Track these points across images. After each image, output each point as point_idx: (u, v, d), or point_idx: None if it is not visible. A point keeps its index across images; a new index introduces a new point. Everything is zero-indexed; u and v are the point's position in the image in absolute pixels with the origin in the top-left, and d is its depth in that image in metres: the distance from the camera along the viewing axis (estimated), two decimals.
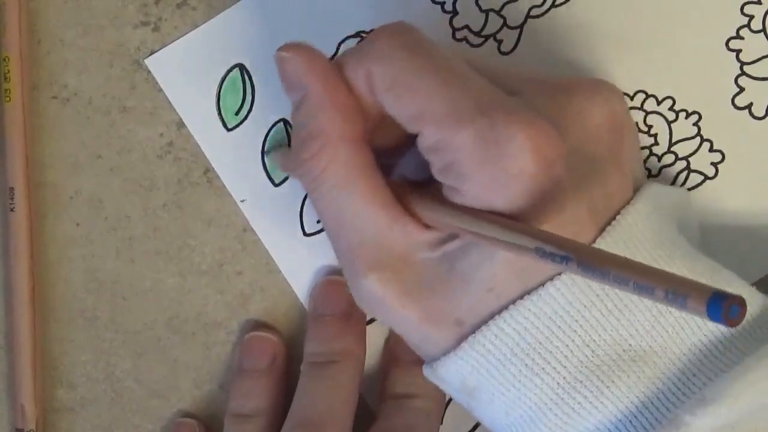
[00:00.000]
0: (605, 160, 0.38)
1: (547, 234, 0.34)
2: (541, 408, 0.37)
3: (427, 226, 0.38)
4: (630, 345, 0.37)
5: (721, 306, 0.29)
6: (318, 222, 0.46)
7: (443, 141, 0.36)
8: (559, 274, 0.36)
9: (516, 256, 0.36)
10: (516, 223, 0.35)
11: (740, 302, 0.29)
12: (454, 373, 0.38)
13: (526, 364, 0.37)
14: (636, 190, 0.39)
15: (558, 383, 0.37)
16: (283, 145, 0.46)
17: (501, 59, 0.46)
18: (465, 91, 0.37)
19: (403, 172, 0.42)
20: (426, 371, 0.40)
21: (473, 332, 0.37)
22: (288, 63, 0.39)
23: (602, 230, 0.37)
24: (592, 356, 0.37)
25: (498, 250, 0.36)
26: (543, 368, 0.37)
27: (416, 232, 0.38)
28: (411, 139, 0.40)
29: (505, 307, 0.37)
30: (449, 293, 0.38)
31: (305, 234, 0.46)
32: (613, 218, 0.37)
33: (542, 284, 0.36)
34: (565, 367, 0.37)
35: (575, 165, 0.37)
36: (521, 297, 0.37)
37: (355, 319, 0.46)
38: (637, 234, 0.37)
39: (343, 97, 0.38)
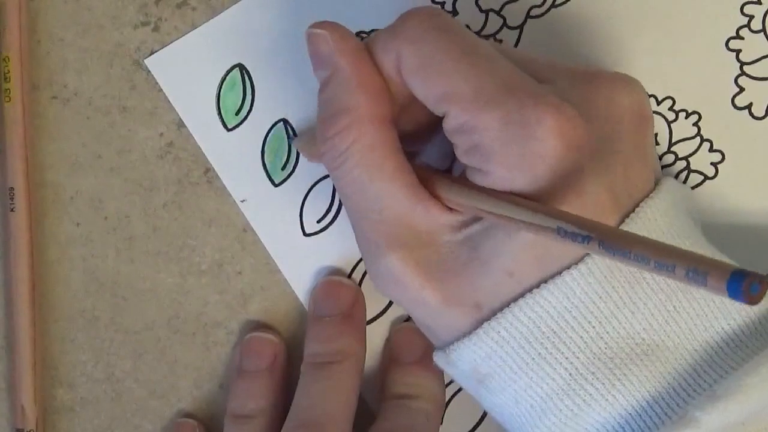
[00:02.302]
0: (629, 150, 0.38)
1: (567, 214, 0.34)
2: (552, 398, 0.37)
3: (450, 209, 0.38)
4: (643, 339, 0.37)
5: (742, 284, 0.29)
6: (318, 222, 0.46)
7: (470, 122, 0.37)
8: (577, 263, 0.36)
9: (537, 239, 0.36)
10: (537, 203, 0.35)
11: (761, 280, 0.29)
12: (467, 359, 0.38)
13: (540, 353, 0.37)
14: (655, 182, 0.39)
15: (570, 374, 0.37)
16: (309, 131, 0.46)
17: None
18: (493, 73, 0.37)
19: (425, 160, 0.42)
20: (437, 357, 0.40)
21: (490, 316, 0.37)
22: (319, 40, 0.39)
23: (622, 218, 0.37)
24: (606, 348, 0.37)
25: (519, 234, 0.36)
26: (556, 358, 0.37)
27: (439, 214, 0.38)
28: (433, 128, 0.40)
29: (523, 293, 0.37)
30: (469, 276, 0.38)
31: (305, 234, 0.46)
32: (633, 209, 0.37)
33: (560, 272, 0.37)
34: (578, 357, 0.37)
35: (599, 152, 0.37)
36: (540, 283, 0.37)
37: (356, 319, 0.46)
38: (657, 228, 0.37)
39: (372, 76, 0.39)
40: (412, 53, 0.38)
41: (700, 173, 0.46)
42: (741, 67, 0.45)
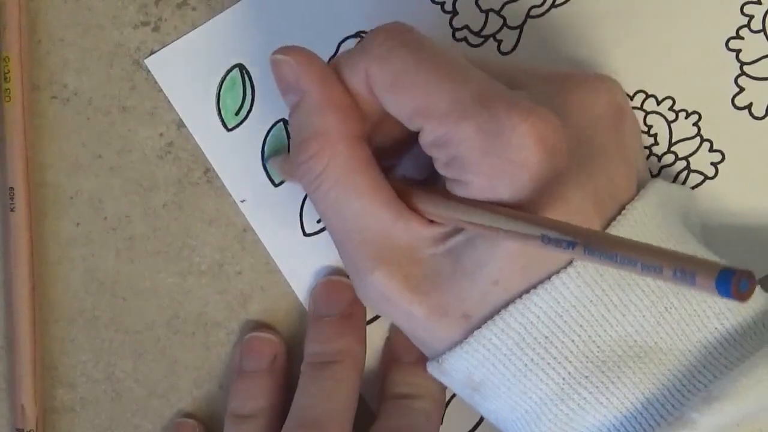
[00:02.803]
0: (609, 151, 0.38)
1: (551, 221, 0.34)
2: (546, 403, 0.37)
3: (431, 222, 0.38)
4: (635, 341, 0.37)
5: (731, 281, 0.29)
6: (318, 222, 0.46)
7: (446, 135, 0.37)
8: (565, 267, 0.36)
9: (521, 246, 0.36)
10: (520, 212, 0.35)
11: (749, 276, 0.29)
12: (460, 368, 0.38)
13: (532, 359, 0.37)
14: (640, 185, 0.39)
15: (563, 378, 0.37)
16: (282, 151, 0.46)
17: (501, 59, 0.46)
18: (465, 85, 0.37)
19: (403, 172, 0.42)
20: (430, 367, 0.40)
21: (480, 325, 0.37)
22: (284, 66, 0.39)
23: (607, 221, 0.37)
24: (598, 352, 0.37)
25: (503, 243, 0.36)
26: (549, 363, 0.37)
27: (420, 227, 0.38)
28: (409, 140, 0.40)
29: (512, 301, 0.37)
30: (455, 288, 0.38)
31: (305, 234, 0.46)
32: (619, 211, 0.37)
33: (548, 277, 0.37)
34: (570, 362, 0.37)
35: (579, 155, 0.37)
36: (527, 290, 0.37)
37: (355, 319, 0.46)
38: (644, 230, 0.37)
39: (341, 97, 0.39)
40: (381, 70, 0.38)
41: (700, 173, 0.46)
42: (741, 67, 0.45)
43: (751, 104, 0.45)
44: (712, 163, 0.46)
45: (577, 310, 0.36)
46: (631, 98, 0.45)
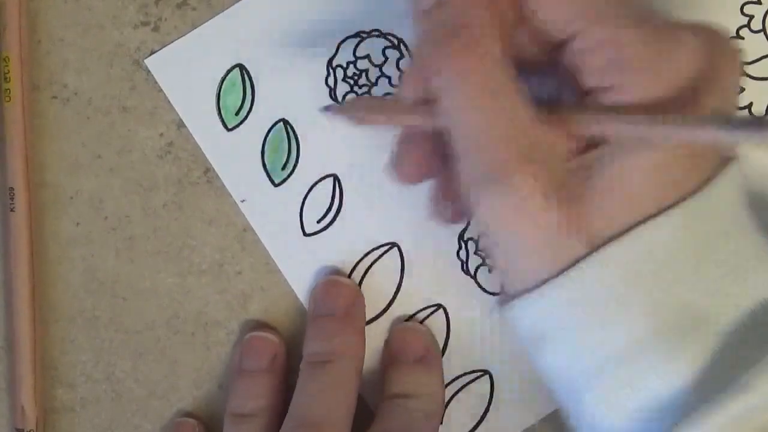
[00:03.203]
0: (730, 93, 0.39)
1: (694, 117, 0.35)
2: (613, 359, 0.37)
3: (567, 136, 0.38)
4: (704, 306, 0.37)
5: None
6: (318, 222, 0.46)
7: (610, 36, 0.37)
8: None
9: (657, 162, 0.36)
10: (680, 115, 0.36)
11: None
12: (531, 314, 0.38)
13: (616, 303, 0.37)
14: None
15: (634, 337, 0.36)
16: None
17: None
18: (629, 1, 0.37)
19: None
20: (502, 309, 0.39)
21: (604, 245, 0.37)
22: None
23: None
24: (675, 307, 0.36)
25: (638, 158, 0.36)
26: (626, 316, 0.36)
27: (557, 138, 0.37)
28: (541, 65, 0.39)
29: (642, 222, 0.36)
30: (588, 205, 0.37)
31: (305, 234, 0.46)
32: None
33: (683, 199, 0.36)
34: (647, 317, 0.36)
35: (719, 84, 0.37)
36: (659, 212, 0.36)
37: (355, 318, 0.46)
38: (737, 187, 0.38)
39: None
40: None
41: None
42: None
43: (751, 104, 0.45)
44: None
45: (670, 254, 0.36)
46: None
